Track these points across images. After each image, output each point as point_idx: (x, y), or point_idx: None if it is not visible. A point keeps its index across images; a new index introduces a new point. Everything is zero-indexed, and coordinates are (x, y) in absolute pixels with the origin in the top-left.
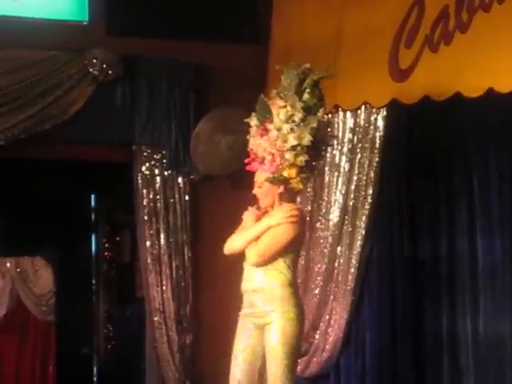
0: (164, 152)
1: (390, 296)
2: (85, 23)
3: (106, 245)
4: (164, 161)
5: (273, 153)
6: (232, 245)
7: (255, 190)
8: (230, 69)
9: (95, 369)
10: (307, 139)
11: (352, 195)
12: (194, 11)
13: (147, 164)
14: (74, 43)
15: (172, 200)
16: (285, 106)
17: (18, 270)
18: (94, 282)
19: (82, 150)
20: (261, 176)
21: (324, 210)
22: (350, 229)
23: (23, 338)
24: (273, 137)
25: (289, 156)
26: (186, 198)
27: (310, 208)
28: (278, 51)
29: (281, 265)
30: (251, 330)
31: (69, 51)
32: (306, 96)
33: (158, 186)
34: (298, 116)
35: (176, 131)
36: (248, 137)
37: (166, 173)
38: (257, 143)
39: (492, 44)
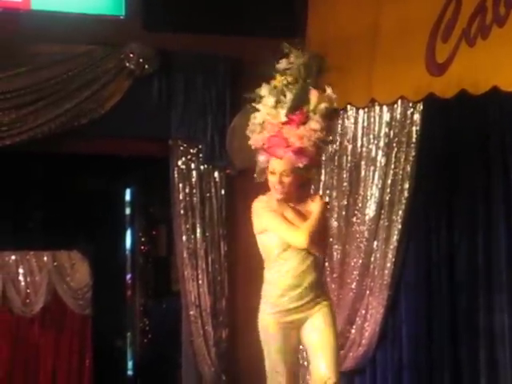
0: (200, 146)
1: (426, 291)
2: (121, 18)
3: (143, 239)
4: (200, 155)
5: (316, 143)
6: (313, 233)
7: (280, 179)
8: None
9: (131, 363)
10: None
11: (388, 190)
12: (230, 6)
13: (183, 158)
14: (110, 38)
15: (208, 194)
16: (323, 97)
17: (55, 263)
18: (129, 275)
19: (119, 144)
20: (290, 165)
21: (360, 205)
22: (387, 223)
23: (60, 332)
24: (318, 127)
25: (323, 148)
26: (222, 192)
27: (345, 202)
28: (313, 46)
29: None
30: (288, 329)
31: (105, 46)
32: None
33: (194, 180)
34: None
35: (212, 126)
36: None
37: (202, 167)
38: (298, 132)
39: None
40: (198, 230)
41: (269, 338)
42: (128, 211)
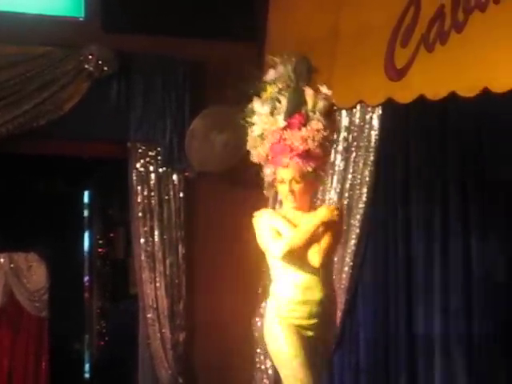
0: (159, 149)
1: (383, 295)
2: (81, 19)
3: (100, 241)
4: (159, 158)
5: (322, 144)
6: (293, 245)
7: (291, 187)
8: (225, 66)
9: (88, 365)
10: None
11: (346, 194)
12: (190, 8)
13: (142, 161)
14: (69, 39)
15: (166, 197)
16: (319, 95)
17: (12, 265)
18: (87, 278)
19: (77, 146)
20: (299, 171)
21: None
22: (345, 227)
23: (16, 334)
24: (320, 127)
25: (329, 148)
26: (181, 195)
27: None
28: (273, 49)
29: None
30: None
31: (64, 47)
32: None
33: (152, 182)
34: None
35: (171, 128)
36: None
37: (160, 170)
38: (301, 135)
39: (487, 44)
40: (156, 233)
41: (281, 346)
42: (86, 213)
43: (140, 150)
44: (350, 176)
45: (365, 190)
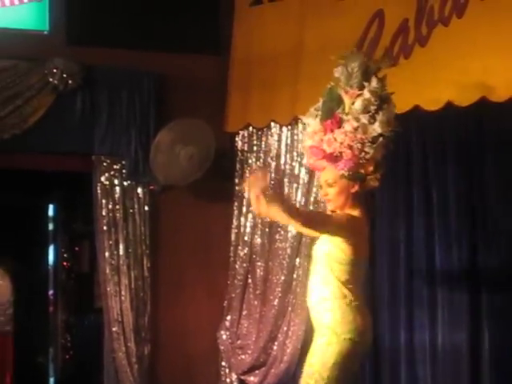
0: (123, 162)
1: None
2: (45, 33)
3: (65, 255)
4: (123, 171)
5: (351, 145)
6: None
7: (325, 191)
8: (190, 80)
9: (52, 379)
10: (388, 130)
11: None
12: (155, 22)
13: (106, 174)
14: (34, 52)
15: (131, 210)
16: (361, 95)
17: None
18: (51, 291)
19: (41, 159)
20: (331, 173)
21: None
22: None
23: None
24: (351, 128)
25: (368, 149)
26: (146, 208)
27: (268, 219)
28: (238, 62)
29: None
30: None
31: (29, 60)
32: (374, 84)
33: (117, 196)
34: (374, 105)
35: (136, 141)
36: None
37: (125, 183)
38: (328, 138)
39: (451, 58)
40: (121, 246)
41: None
42: (51, 227)
43: (105, 164)
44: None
45: None
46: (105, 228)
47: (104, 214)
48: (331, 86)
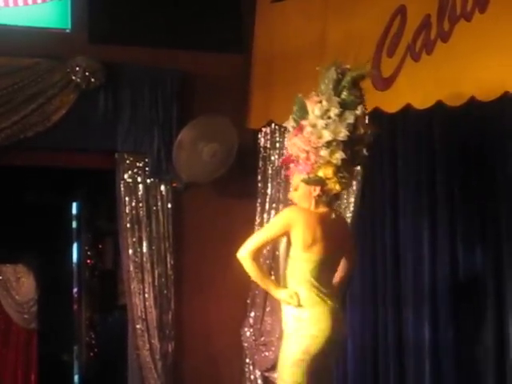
0: (147, 160)
1: (373, 305)
2: (67, 31)
3: (89, 252)
4: (146, 168)
5: (307, 150)
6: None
7: (291, 194)
8: (213, 77)
9: (77, 377)
10: (343, 134)
11: None
12: (177, 19)
13: (130, 172)
14: (56, 51)
15: (154, 208)
16: (320, 102)
17: (0, 277)
18: (76, 289)
19: (65, 157)
20: (296, 178)
21: None
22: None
23: (5, 346)
24: (307, 133)
25: (324, 153)
26: (169, 205)
27: None
28: (260, 60)
29: None
30: None
31: (51, 59)
32: (344, 93)
33: (140, 193)
34: (333, 111)
35: (159, 139)
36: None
37: (148, 180)
38: (292, 142)
39: (473, 53)
40: (145, 244)
41: None
42: (74, 225)
43: (128, 161)
44: None
45: (352, 199)
46: (128, 225)
47: (127, 211)
48: (298, 96)
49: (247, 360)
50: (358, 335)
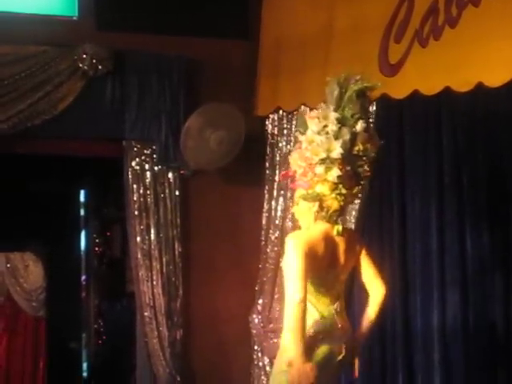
0: (154, 147)
1: None
2: (74, 18)
3: (97, 240)
4: (154, 156)
5: (303, 166)
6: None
7: (293, 209)
8: (220, 64)
9: (85, 364)
10: (336, 152)
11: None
12: (185, 6)
13: (137, 159)
14: (63, 38)
15: (162, 195)
16: (317, 117)
17: (8, 265)
18: (84, 277)
19: (72, 145)
20: (297, 193)
21: None
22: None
23: (13, 334)
24: (304, 149)
25: (319, 170)
26: (177, 193)
27: None
28: (267, 46)
29: None
30: None
31: (58, 46)
32: (345, 109)
33: (148, 181)
34: (331, 128)
35: (166, 126)
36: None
37: (156, 168)
38: (292, 158)
39: (481, 39)
40: (152, 231)
41: None
42: (82, 212)
43: (135, 149)
44: None
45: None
46: (136, 213)
47: (135, 199)
48: (300, 113)
49: (255, 347)
50: None
